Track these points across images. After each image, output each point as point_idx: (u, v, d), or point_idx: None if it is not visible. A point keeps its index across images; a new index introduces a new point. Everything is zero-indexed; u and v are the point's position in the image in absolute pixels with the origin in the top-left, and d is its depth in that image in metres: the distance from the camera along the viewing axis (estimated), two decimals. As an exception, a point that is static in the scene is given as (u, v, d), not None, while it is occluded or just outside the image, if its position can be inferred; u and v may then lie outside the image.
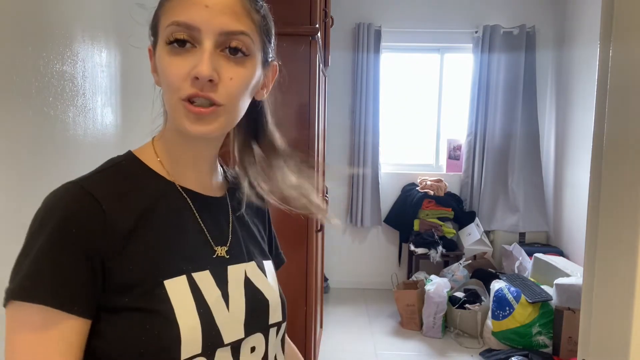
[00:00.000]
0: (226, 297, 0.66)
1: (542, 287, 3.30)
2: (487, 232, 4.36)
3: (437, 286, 3.48)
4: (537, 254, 3.70)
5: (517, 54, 4.27)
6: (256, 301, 0.69)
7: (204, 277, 0.64)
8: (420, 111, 4.65)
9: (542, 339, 3.13)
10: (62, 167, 1.16)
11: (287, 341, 0.84)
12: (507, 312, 3.19)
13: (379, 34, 4.30)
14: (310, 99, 2.11)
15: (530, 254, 3.81)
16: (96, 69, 1.34)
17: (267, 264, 0.77)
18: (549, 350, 3.12)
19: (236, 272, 0.69)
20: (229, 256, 0.69)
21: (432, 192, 4.26)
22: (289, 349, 0.87)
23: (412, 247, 4.09)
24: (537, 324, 3.12)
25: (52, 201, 0.58)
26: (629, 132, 0.92)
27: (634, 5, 0.91)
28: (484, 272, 3.82)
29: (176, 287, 0.61)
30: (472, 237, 4.18)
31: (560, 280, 3.18)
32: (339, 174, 4.23)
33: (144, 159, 0.67)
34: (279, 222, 0.92)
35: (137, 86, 1.56)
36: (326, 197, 2.96)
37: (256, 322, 0.68)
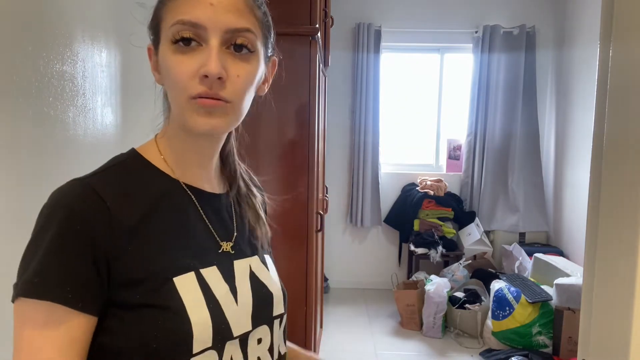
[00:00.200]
0: (234, 291, 0.67)
1: (542, 287, 3.30)
2: (487, 232, 4.36)
3: (437, 286, 3.48)
4: (537, 254, 3.70)
5: (517, 54, 4.27)
6: (261, 294, 0.71)
7: (211, 273, 0.65)
8: (420, 111, 4.65)
9: (542, 339, 3.13)
10: (62, 167, 1.16)
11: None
12: (507, 312, 3.19)
13: (379, 34, 4.30)
14: (310, 98, 2.11)
15: (530, 254, 3.81)
16: (96, 69, 1.34)
17: (268, 257, 0.79)
18: (549, 350, 3.12)
19: (242, 266, 0.71)
20: (234, 251, 0.71)
21: (432, 192, 4.26)
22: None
23: (412, 247, 4.09)
24: (537, 324, 3.12)
25: (57, 198, 0.58)
26: (629, 132, 0.92)
27: (634, 5, 0.91)
28: (484, 272, 3.82)
29: (185, 284, 0.62)
30: (472, 237, 4.18)
31: (560, 280, 3.18)
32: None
33: (147, 156, 0.68)
34: (279, 222, 0.92)
35: (137, 86, 1.56)
36: (326, 197, 2.96)
37: (262, 315, 0.70)
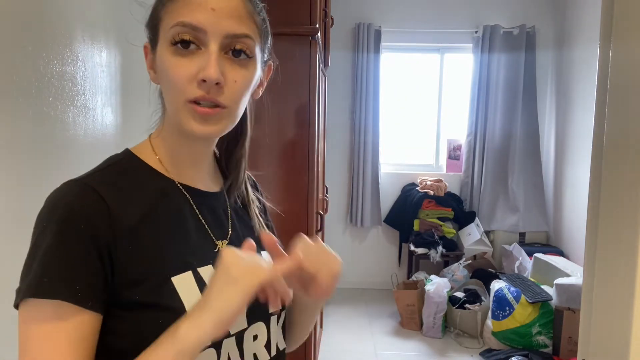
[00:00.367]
0: None
1: (542, 287, 3.30)
2: (487, 232, 4.36)
3: (437, 286, 3.48)
4: (537, 254, 3.70)
5: (517, 54, 4.27)
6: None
7: (208, 272, 0.66)
8: (420, 111, 4.65)
9: (542, 339, 3.13)
10: (62, 167, 1.16)
11: None
12: (507, 312, 3.19)
13: (379, 34, 4.30)
14: (310, 98, 2.11)
15: (530, 254, 3.81)
16: (96, 69, 1.34)
17: (264, 253, 0.78)
18: (549, 350, 3.12)
19: None
20: None
21: (432, 192, 4.26)
22: None
23: (412, 247, 4.09)
24: (537, 324, 3.12)
25: (56, 199, 0.58)
26: (629, 132, 0.92)
27: (634, 5, 0.91)
28: (484, 272, 3.82)
29: (183, 283, 0.62)
30: (472, 237, 4.18)
31: (560, 280, 3.18)
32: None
33: (142, 157, 0.69)
34: (279, 222, 0.92)
35: (137, 86, 1.56)
36: (326, 197, 2.96)
37: (257, 312, 0.70)
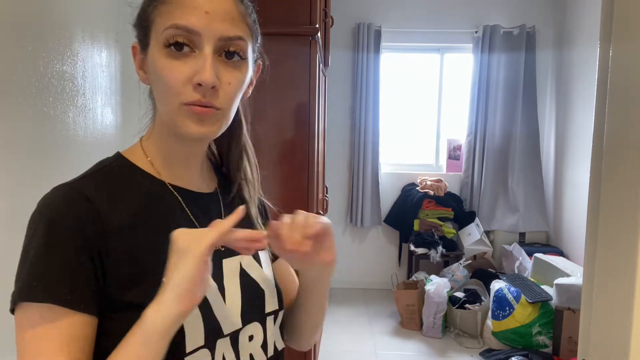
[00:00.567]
0: (222, 289, 0.68)
1: (542, 287, 3.30)
2: (487, 232, 4.36)
3: (437, 286, 3.48)
4: (537, 254, 3.70)
5: (517, 54, 4.27)
6: (252, 291, 0.71)
7: None
8: (420, 111, 4.65)
9: (542, 339, 3.13)
10: (62, 167, 1.16)
11: None
12: (507, 312, 3.19)
13: (379, 34, 4.30)
14: (310, 98, 2.11)
15: (530, 254, 3.81)
16: (96, 69, 1.34)
17: (262, 254, 0.78)
18: (549, 350, 3.12)
19: (231, 264, 0.71)
20: (224, 248, 0.71)
21: (432, 192, 4.26)
22: None
23: (412, 247, 4.09)
24: (537, 324, 3.12)
25: (45, 203, 0.59)
26: (629, 132, 0.92)
27: (634, 5, 0.91)
28: (484, 272, 3.82)
29: None
30: (472, 237, 4.18)
31: (560, 280, 3.18)
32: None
33: (133, 159, 0.69)
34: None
35: (137, 86, 1.56)
36: (326, 197, 2.96)
37: (253, 312, 0.70)
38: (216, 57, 0.62)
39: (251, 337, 0.70)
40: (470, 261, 3.99)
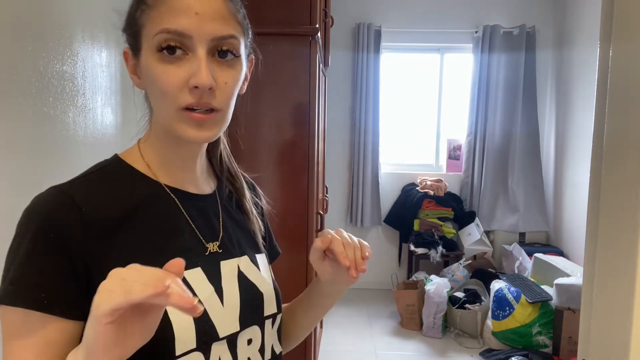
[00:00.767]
0: (220, 292, 0.67)
1: (542, 287, 3.30)
2: (487, 232, 4.36)
3: (437, 286, 3.48)
4: (537, 254, 3.70)
5: (517, 54, 4.27)
6: (250, 294, 0.71)
7: (195, 274, 0.65)
8: (420, 111, 4.65)
9: (542, 339, 3.13)
10: (62, 167, 1.16)
11: None
12: (507, 312, 3.19)
13: (379, 34, 4.30)
14: (310, 98, 2.11)
15: (530, 254, 3.81)
16: (96, 69, 1.34)
17: (259, 257, 0.78)
18: (549, 350, 3.12)
19: (229, 266, 0.71)
20: (221, 250, 0.71)
21: (432, 192, 4.26)
22: None
23: (412, 247, 4.09)
24: (537, 324, 3.12)
25: (33, 207, 0.59)
26: (629, 132, 0.92)
27: (634, 5, 0.91)
28: (484, 272, 3.82)
29: None
30: (472, 237, 4.18)
31: (560, 280, 3.18)
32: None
33: (130, 161, 0.68)
34: (279, 222, 0.92)
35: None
36: (326, 197, 2.96)
37: (251, 315, 0.70)
38: (210, 57, 0.61)
39: (250, 341, 0.70)
40: (470, 261, 3.99)
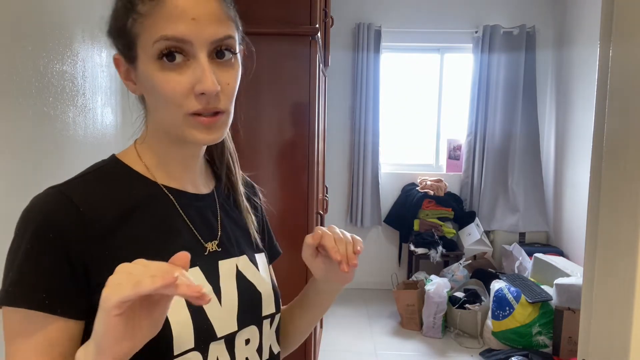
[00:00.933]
0: (218, 291, 0.67)
1: (542, 287, 3.30)
2: (487, 232, 4.36)
3: (437, 286, 3.48)
4: (537, 254, 3.70)
5: (517, 54, 4.27)
6: (249, 294, 0.71)
7: (193, 274, 0.65)
8: (420, 111, 4.65)
9: (542, 339, 3.13)
10: (62, 167, 1.16)
11: None
12: (507, 312, 3.19)
13: (379, 34, 4.30)
14: (310, 98, 2.11)
15: (530, 254, 3.81)
16: (96, 69, 1.34)
17: (259, 256, 0.78)
18: (549, 350, 3.12)
19: (227, 266, 0.71)
20: (220, 249, 0.71)
21: (432, 192, 4.26)
22: None
23: (412, 247, 4.09)
24: (537, 324, 3.12)
25: (32, 207, 0.60)
26: (629, 132, 0.92)
27: (634, 5, 0.91)
28: (484, 272, 3.82)
29: None
30: (472, 237, 4.18)
31: (560, 280, 3.18)
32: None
33: (127, 161, 0.68)
34: (279, 222, 0.92)
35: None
36: (326, 197, 2.96)
37: (249, 315, 0.70)
38: (210, 60, 0.61)
39: (248, 341, 0.70)
40: (470, 261, 3.99)
